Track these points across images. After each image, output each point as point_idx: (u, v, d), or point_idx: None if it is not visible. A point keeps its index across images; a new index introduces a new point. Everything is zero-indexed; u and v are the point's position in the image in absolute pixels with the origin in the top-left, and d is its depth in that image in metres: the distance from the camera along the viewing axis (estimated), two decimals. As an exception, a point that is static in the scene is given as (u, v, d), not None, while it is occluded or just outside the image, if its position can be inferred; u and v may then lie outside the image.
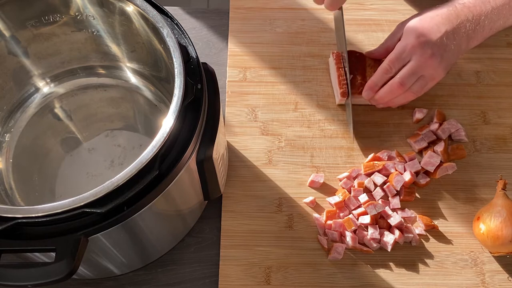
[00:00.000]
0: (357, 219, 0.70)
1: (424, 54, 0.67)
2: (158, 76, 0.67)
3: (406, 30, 0.70)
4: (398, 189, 0.71)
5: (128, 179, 0.45)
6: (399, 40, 0.71)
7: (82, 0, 0.59)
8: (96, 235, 0.48)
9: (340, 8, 0.74)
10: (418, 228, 0.70)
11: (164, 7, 0.58)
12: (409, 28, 0.69)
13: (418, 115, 0.77)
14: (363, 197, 0.70)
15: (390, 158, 0.74)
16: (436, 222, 0.70)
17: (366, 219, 0.69)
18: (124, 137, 0.69)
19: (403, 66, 0.69)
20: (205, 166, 0.56)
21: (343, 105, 0.78)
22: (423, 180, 0.72)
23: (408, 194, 0.71)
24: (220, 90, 0.57)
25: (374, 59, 0.76)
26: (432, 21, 0.68)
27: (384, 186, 0.71)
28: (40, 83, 0.69)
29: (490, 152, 0.75)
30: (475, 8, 0.68)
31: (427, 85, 0.70)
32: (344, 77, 0.75)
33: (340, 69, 0.75)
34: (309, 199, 0.71)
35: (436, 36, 0.67)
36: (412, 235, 0.69)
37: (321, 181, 0.72)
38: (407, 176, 0.71)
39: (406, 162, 0.73)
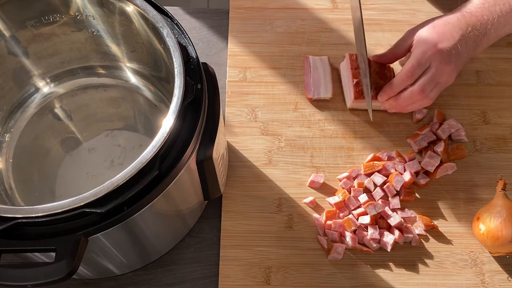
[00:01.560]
0: (357, 219, 0.70)
1: (443, 60, 0.68)
2: (158, 76, 0.67)
3: (421, 37, 0.70)
4: (398, 189, 0.71)
5: (128, 179, 0.45)
6: (410, 46, 0.72)
7: (82, 0, 0.59)
8: (96, 235, 0.48)
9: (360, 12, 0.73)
10: (418, 228, 0.70)
11: (164, 7, 0.58)
12: (424, 35, 0.70)
13: (418, 115, 0.77)
14: (363, 197, 0.70)
15: (390, 158, 0.74)
16: (436, 222, 0.70)
17: (366, 219, 0.69)
18: (124, 137, 0.69)
19: (423, 72, 0.69)
20: (205, 166, 0.56)
21: (343, 107, 0.78)
22: (423, 180, 0.72)
23: (408, 194, 0.71)
24: (220, 90, 0.57)
25: (379, 65, 0.76)
26: (445, 28, 0.69)
27: (384, 186, 0.71)
28: (40, 83, 0.69)
29: (490, 152, 0.75)
30: (482, 17, 0.69)
31: (440, 90, 0.71)
32: (359, 80, 0.75)
33: (355, 70, 0.75)
34: (309, 199, 0.71)
35: (451, 43, 0.68)
36: (412, 235, 0.69)
37: (321, 181, 0.72)
38: (407, 176, 0.71)
39: (406, 162, 0.73)
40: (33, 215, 0.45)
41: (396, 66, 0.78)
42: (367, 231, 0.69)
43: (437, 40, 0.68)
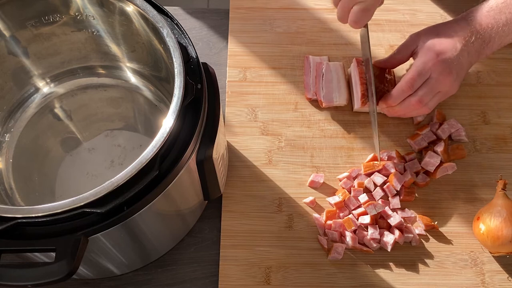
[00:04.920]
0: (357, 219, 0.70)
1: (444, 72, 0.68)
2: (158, 76, 0.67)
3: (424, 46, 0.70)
4: (398, 189, 0.71)
5: (128, 179, 0.45)
6: (413, 52, 0.72)
7: (82, 0, 0.59)
8: (96, 235, 0.48)
9: (366, 26, 0.73)
10: (418, 228, 0.70)
11: (164, 7, 0.58)
12: (427, 45, 0.70)
13: (419, 117, 0.76)
14: (363, 197, 0.70)
15: (390, 158, 0.74)
16: (436, 222, 0.70)
17: (366, 219, 0.69)
18: (124, 137, 0.69)
19: (423, 82, 0.69)
20: (205, 166, 0.56)
21: (342, 107, 0.78)
22: (423, 180, 0.72)
23: (408, 194, 0.71)
24: (220, 90, 0.58)
25: (379, 68, 0.75)
26: (449, 38, 0.69)
27: (384, 186, 0.71)
28: (40, 83, 0.69)
29: (490, 152, 0.75)
30: (487, 25, 0.69)
31: (441, 100, 0.72)
32: (365, 86, 0.74)
33: (362, 78, 0.74)
34: (309, 199, 0.71)
35: (453, 54, 0.68)
36: (412, 235, 0.69)
37: (321, 181, 0.72)
38: (407, 176, 0.71)
39: (406, 162, 0.73)
40: (33, 215, 0.45)
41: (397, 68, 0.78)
42: (367, 231, 0.69)
43: (440, 51, 0.68)
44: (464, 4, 0.75)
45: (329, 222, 0.69)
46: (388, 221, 0.69)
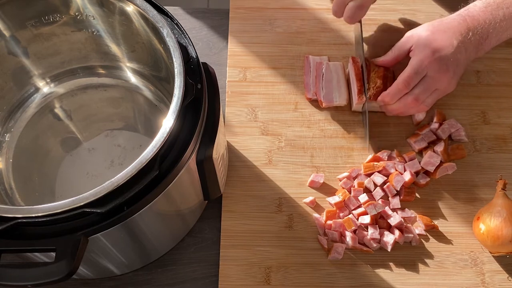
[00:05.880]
0: (357, 219, 0.70)
1: (440, 69, 0.68)
2: (158, 76, 0.67)
3: (420, 44, 0.69)
4: (398, 189, 0.71)
5: (128, 179, 0.45)
6: (409, 50, 0.71)
7: (82, 0, 0.59)
8: (96, 235, 0.48)
9: (359, 21, 0.74)
10: (418, 228, 0.70)
11: (164, 7, 0.58)
12: (423, 42, 0.69)
13: (418, 117, 0.76)
14: (363, 197, 0.70)
15: (390, 158, 0.74)
16: (436, 222, 0.70)
17: (366, 219, 0.69)
18: (124, 137, 0.69)
19: (420, 80, 0.69)
20: (205, 166, 0.56)
21: (342, 107, 0.78)
22: (423, 180, 0.72)
23: (408, 194, 0.71)
24: (220, 90, 0.58)
25: (378, 66, 0.75)
26: (445, 35, 0.68)
27: (384, 186, 0.71)
28: (40, 83, 0.69)
29: (490, 152, 0.75)
30: (484, 21, 0.68)
31: (439, 97, 0.72)
32: (361, 82, 0.74)
33: (358, 75, 0.75)
34: (309, 199, 0.71)
35: (449, 51, 0.68)
36: (412, 235, 0.69)
37: (321, 181, 0.72)
38: (407, 176, 0.71)
39: (406, 162, 0.73)
40: (33, 215, 0.45)
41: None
42: (367, 231, 0.69)
43: (435, 48, 0.68)
44: (462, 4, 0.75)
45: (329, 222, 0.69)
46: (388, 221, 0.69)
